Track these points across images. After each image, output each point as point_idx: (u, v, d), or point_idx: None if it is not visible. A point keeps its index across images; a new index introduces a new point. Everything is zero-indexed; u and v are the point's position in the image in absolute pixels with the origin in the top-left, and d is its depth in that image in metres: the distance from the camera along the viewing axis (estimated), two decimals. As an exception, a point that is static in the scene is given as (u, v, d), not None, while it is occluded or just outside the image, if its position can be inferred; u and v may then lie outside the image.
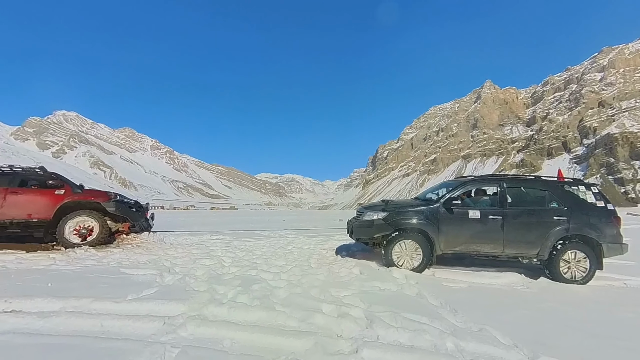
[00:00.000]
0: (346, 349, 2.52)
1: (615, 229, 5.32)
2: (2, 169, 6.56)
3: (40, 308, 2.96)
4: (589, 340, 3.01)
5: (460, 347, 2.69)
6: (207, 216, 38.28)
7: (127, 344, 2.32)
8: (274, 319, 2.93)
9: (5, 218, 5.95)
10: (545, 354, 2.64)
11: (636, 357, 2.73)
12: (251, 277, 4.39)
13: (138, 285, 3.78)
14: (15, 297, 3.11)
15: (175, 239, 8.09)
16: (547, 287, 4.81)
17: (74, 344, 2.31)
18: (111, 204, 6.45)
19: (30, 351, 2.21)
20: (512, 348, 2.75)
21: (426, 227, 5.31)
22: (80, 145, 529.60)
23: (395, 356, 2.44)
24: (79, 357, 2.14)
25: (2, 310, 2.88)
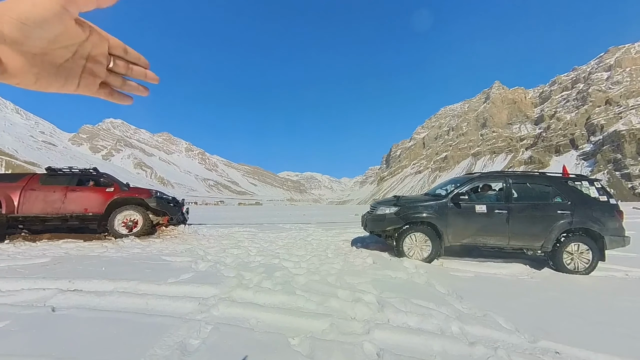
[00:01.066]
0: (359, 329, 2.56)
1: (617, 222, 5.07)
2: (63, 170, 7.02)
3: (96, 288, 3.18)
4: (588, 326, 2.91)
5: (465, 331, 2.67)
6: (235, 211, 39.06)
7: (169, 320, 2.47)
8: (294, 302, 3.01)
9: (66, 212, 6.33)
10: (545, 338, 2.59)
11: (634, 343, 2.62)
12: (274, 265, 4.48)
13: (176, 270, 3.96)
14: (76, 279, 3.36)
15: (208, 230, 8.30)
16: (550, 277, 4.64)
17: (126, 318, 2.49)
18: (153, 200, 6.70)
19: (91, 323, 2.40)
20: (514, 332, 2.71)
21: (435, 220, 5.25)
22: (125, 148, 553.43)
23: (404, 337, 2.46)
24: (130, 329, 2.31)
25: (67, 288, 3.13)
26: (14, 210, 6.16)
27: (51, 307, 2.66)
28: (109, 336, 2.22)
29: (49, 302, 2.79)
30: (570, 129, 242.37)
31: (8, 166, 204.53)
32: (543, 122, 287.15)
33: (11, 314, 2.51)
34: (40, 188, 6.44)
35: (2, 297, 2.89)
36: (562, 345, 2.51)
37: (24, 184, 6.42)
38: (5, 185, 6.38)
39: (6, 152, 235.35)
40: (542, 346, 2.51)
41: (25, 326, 2.33)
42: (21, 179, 6.59)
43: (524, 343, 2.56)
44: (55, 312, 2.58)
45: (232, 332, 2.33)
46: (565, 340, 2.60)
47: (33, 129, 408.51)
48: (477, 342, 2.47)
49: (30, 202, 6.26)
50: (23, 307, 2.65)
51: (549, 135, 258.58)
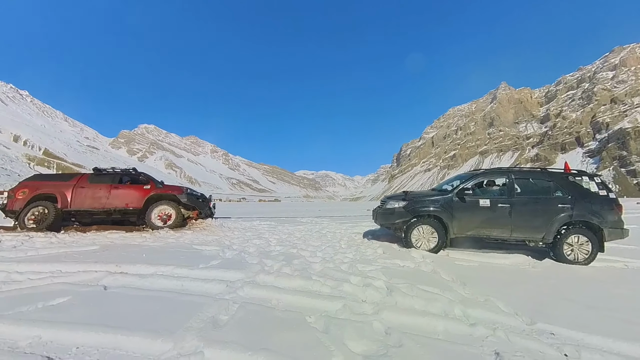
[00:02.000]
0: (369, 310, 2.64)
1: (616, 215, 4.92)
2: (107, 170, 7.45)
3: (139, 271, 3.40)
4: (585, 311, 2.87)
5: (467, 313, 2.70)
6: (256, 207, 39.76)
7: (202, 299, 2.63)
8: (311, 286, 3.11)
9: (110, 207, 6.70)
10: (542, 321, 2.59)
11: (628, 327, 2.57)
12: (292, 254, 4.59)
13: (207, 258, 4.14)
14: (122, 263, 3.59)
15: (232, 224, 8.52)
16: (551, 267, 4.54)
17: (165, 296, 2.67)
18: (184, 196, 6.96)
19: (137, 300, 2.59)
20: (513, 315, 2.72)
21: (441, 214, 5.23)
22: (158, 151, 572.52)
23: (410, 318, 2.52)
24: (170, 306, 2.49)
25: (115, 271, 3.36)
26: (67, 205, 6.60)
27: (103, 286, 2.89)
28: (153, 311, 2.40)
29: (101, 282, 3.02)
30: (576, 127, 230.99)
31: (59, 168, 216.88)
32: (549, 120, 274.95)
33: (72, 290, 2.75)
34: (88, 186, 6.86)
35: (63, 277, 3.15)
36: (558, 327, 2.50)
37: (75, 183, 6.86)
38: (60, 183, 6.84)
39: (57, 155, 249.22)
40: (539, 328, 2.51)
41: (83, 301, 2.55)
42: (73, 178, 7.05)
43: (522, 325, 2.56)
44: (106, 290, 2.80)
45: (256, 310, 2.47)
46: (561, 322, 2.59)
47: (79, 134, 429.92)
48: (477, 323, 2.50)
49: (81, 198, 6.69)
50: (80, 286, 2.89)
51: (554, 133, 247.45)
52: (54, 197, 6.60)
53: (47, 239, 5.27)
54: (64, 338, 1.97)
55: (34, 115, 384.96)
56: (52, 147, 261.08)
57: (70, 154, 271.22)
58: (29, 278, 3.10)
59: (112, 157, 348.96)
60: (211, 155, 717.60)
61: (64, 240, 5.33)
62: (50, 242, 5.06)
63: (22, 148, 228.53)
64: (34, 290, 2.75)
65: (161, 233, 6.12)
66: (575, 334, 2.42)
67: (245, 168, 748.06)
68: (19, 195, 6.55)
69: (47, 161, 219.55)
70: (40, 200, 6.54)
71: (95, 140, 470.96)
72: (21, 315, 2.28)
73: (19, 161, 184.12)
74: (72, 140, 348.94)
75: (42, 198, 6.61)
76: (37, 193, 6.61)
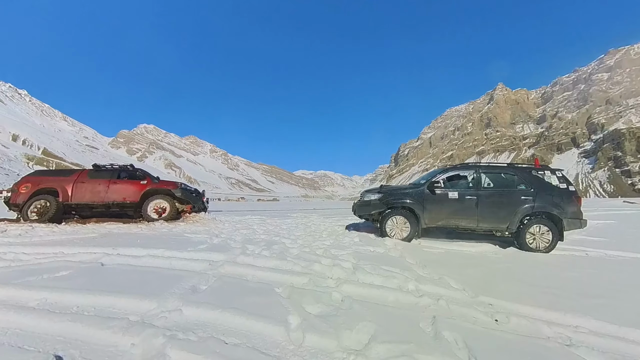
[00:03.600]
0: (332, 284, 3.00)
1: (575, 206, 5.31)
2: (106, 167, 7.80)
3: (133, 253, 3.75)
4: (526, 288, 3.24)
5: (418, 288, 3.06)
6: (253, 205, 40.09)
7: (186, 274, 2.99)
8: (285, 265, 3.47)
9: (109, 200, 7.05)
10: (485, 295, 2.95)
11: (559, 300, 2.93)
12: (274, 241, 4.96)
13: (195, 243, 4.50)
14: (118, 247, 3.95)
15: (225, 217, 8.88)
16: (513, 254, 4.92)
17: (154, 271, 3.04)
18: (178, 190, 7.29)
19: (130, 273, 2.95)
20: (460, 290, 3.08)
21: (413, 205, 5.61)
22: (157, 151, 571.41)
23: (366, 291, 2.88)
24: (158, 277, 2.85)
25: (111, 253, 3.72)
26: (68, 199, 6.95)
27: (100, 263, 3.27)
28: (142, 280, 2.77)
29: (99, 261, 3.39)
30: (572, 128, 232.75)
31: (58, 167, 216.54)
32: (545, 121, 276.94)
33: (73, 266, 3.13)
34: (88, 181, 7.21)
35: (65, 257, 3.51)
36: (497, 300, 2.87)
37: (76, 178, 7.21)
38: (62, 178, 7.19)
39: (56, 155, 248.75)
40: (480, 300, 2.88)
41: (83, 273, 2.93)
42: (73, 173, 7.40)
43: (465, 298, 2.93)
44: (104, 266, 3.18)
45: (232, 282, 2.84)
46: (501, 297, 2.95)
47: (78, 134, 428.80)
48: (425, 295, 2.86)
49: (81, 193, 7.04)
50: (81, 263, 3.26)
51: (551, 134, 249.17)
52: (56, 191, 6.95)
53: (49, 229, 5.63)
54: (67, 300, 2.34)
55: (32, 115, 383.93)
56: (51, 147, 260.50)
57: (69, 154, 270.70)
58: (34, 258, 3.48)
59: (111, 157, 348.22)
60: (210, 155, 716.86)
61: (65, 229, 5.69)
62: (52, 231, 5.41)
63: (21, 147, 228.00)
64: (39, 266, 3.12)
65: (156, 225, 6.47)
66: (510, 305, 2.79)
67: (244, 168, 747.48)
68: (22, 189, 6.90)
69: (46, 160, 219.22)
70: (42, 194, 6.89)
71: (95, 139, 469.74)
72: (29, 283, 2.65)
73: (17, 160, 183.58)
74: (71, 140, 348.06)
75: (44, 192, 6.95)
76: (39, 187, 6.95)
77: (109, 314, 2.14)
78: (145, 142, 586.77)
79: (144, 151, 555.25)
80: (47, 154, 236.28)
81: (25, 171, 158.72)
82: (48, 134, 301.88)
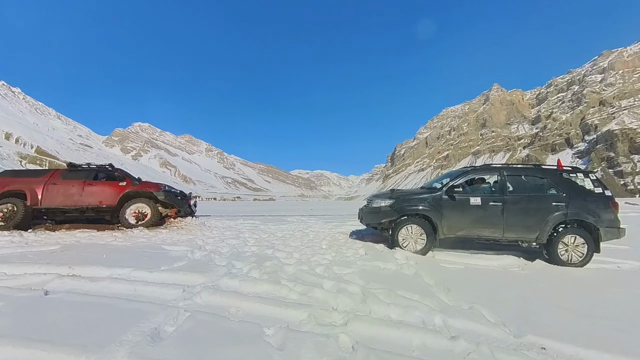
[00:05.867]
0: (338, 321, 2.34)
1: (612, 214, 4.68)
2: (82, 166, 7.05)
3: (93, 274, 3.07)
4: (579, 320, 2.61)
5: (448, 324, 2.43)
6: (249, 205, 39.22)
7: (150, 307, 2.31)
8: (278, 291, 2.80)
9: (83, 204, 6.31)
10: (531, 332, 2.32)
11: (624, 337, 2.33)
12: (267, 255, 4.27)
13: (172, 259, 3.81)
14: (76, 265, 3.25)
15: (214, 222, 8.13)
16: (542, 269, 4.30)
17: (110, 303, 2.35)
18: (161, 193, 6.59)
19: (77, 308, 2.26)
20: (499, 326, 2.45)
21: (429, 213, 4.94)
22: (152, 149, 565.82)
23: (383, 330, 2.24)
24: (111, 315, 2.17)
25: (66, 274, 3.01)
26: (37, 203, 6.20)
27: (45, 291, 2.56)
28: (90, 320, 2.09)
29: (46, 286, 2.68)
30: (566, 129, 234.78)
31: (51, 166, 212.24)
32: (540, 122, 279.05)
33: (7, 296, 2.42)
34: (60, 182, 6.46)
35: (5, 281, 2.81)
36: (549, 340, 2.24)
37: (47, 179, 6.46)
38: (30, 180, 6.44)
39: (50, 153, 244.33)
40: (528, 341, 2.25)
41: (16, 308, 2.22)
42: (45, 174, 6.64)
43: (509, 337, 2.30)
44: (47, 296, 2.47)
45: (208, 321, 2.16)
46: (552, 334, 2.33)
47: (72, 132, 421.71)
48: (459, 336, 2.22)
49: (52, 195, 6.29)
50: (20, 291, 2.55)
51: (545, 134, 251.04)
52: (24, 194, 6.20)
53: (9, 239, 4.88)
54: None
55: (26, 113, 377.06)
56: (45, 145, 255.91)
57: (63, 152, 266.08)
58: (-37, 282, 2.76)
59: (105, 155, 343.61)
60: (206, 154, 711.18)
61: (27, 239, 4.95)
62: (10, 242, 4.68)
63: (14, 146, 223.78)
64: (-39, 297, 2.41)
65: (134, 232, 5.76)
66: (568, 348, 2.16)
67: (240, 167, 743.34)
68: (-14, 191, 6.14)
69: (40, 159, 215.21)
70: (8, 197, 6.13)
71: (89, 138, 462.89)
72: None
73: (10, 159, 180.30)
74: (64, 138, 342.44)
75: (11, 195, 6.20)
76: (5, 190, 6.20)
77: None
78: (140, 140, 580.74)
79: (138, 150, 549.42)
80: (40, 153, 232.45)
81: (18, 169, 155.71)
82: (41, 133, 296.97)
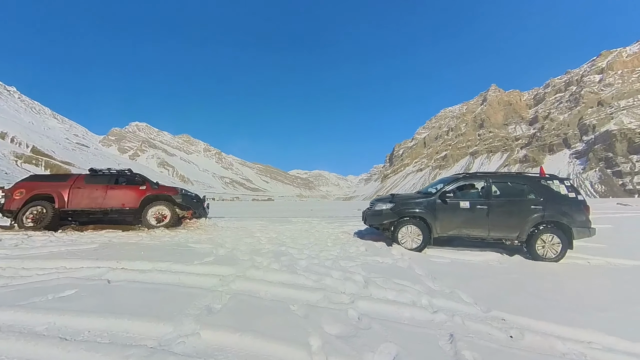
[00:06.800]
0: (346, 300, 2.98)
1: (584, 215, 5.38)
2: (103, 171, 7.62)
3: (139, 267, 3.67)
4: (536, 300, 3.27)
5: (432, 303, 3.06)
6: (249, 206, 39.79)
7: (198, 291, 2.93)
8: (296, 279, 3.44)
9: (107, 206, 6.88)
10: (497, 309, 2.96)
11: (570, 313, 2.96)
12: (281, 252, 4.90)
13: (201, 255, 4.42)
14: (122, 260, 3.85)
15: (225, 223, 8.76)
16: (518, 263, 4.97)
17: (164, 289, 2.97)
18: (179, 196, 7.15)
19: (139, 292, 2.87)
20: (472, 304, 3.09)
21: (425, 215, 5.63)
22: (149, 149, 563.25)
23: (381, 307, 2.87)
24: (168, 296, 2.78)
25: (115, 267, 3.63)
26: (64, 205, 6.77)
27: (107, 280, 3.17)
28: (154, 300, 2.70)
29: (104, 277, 3.30)
30: (564, 129, 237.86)
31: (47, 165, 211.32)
32: (537, 122, 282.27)
33: (78, 284, 3.03)
34: (85, 186, 7.03)
35: (68, 273, 3.41)
36: (509, 314, 2.88)
37: (72, 183, 7.03)
38: (57, 184, 7.01)
39: (45, 153, 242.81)
40: (493, 315, 2.89)
41: (90, 293, 2.83)
42: (69, 178, 7.21)
43: (479, 312, 2.94)
44: (110, 284, 3.09)
45: (246, 300, 2.79)
46: (513, 310, 2.97)
47: (68, 132, 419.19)
48: (439, 311, 2.86)
49: (78, 198, 6.86)
50: (86, 280, 3.17)
51: (543, 135, 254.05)
52: (52, 197, 6.77)
53: (46, 238, 5.47)
54: (76, 324, 2.26)
55: (21, 112, 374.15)
56: (41, 145, 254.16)
57: (59, 152, 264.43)
58: (36, 274, 3.36)
59: (102, 155, 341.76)
60: (204, 154, 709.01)
61: (62, 239, 5.53)
62: (49, 241, 5.26)
63: (10, 145, 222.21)
64: (43, 284, 3.01)
65: (156, 232, 6.34)
66: (522, 320, 2.80)
67: (238, 167, 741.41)
68: (16, 195, 6.70)
69: (35, 159, 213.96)
70: (38, 200, 6.70)
71: (85, 137, 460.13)
72: (35, 305, 2.55)
73: (6, 158, 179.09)
74: (60, 138, 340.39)
75: (40, 198, 6.76)
76: (34, 193, 6.76)
77: (125, 341, 2.07)
78: (137, 140, 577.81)
79: (135, 149, 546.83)
80: (36, 152, 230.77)
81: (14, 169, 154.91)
82: (37, 132, 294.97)
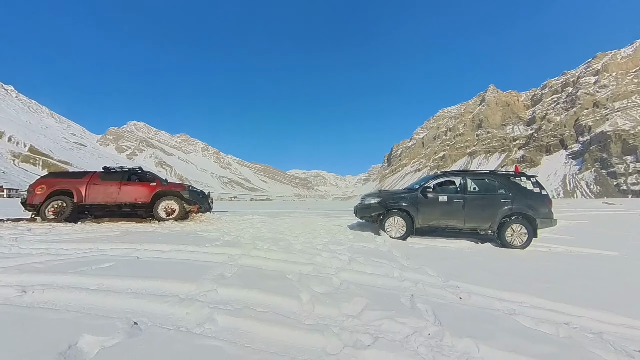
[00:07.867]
0: (332, 272, 3.68)
1: (547, 208, 6.12)
2: (116, 169, 8.30)
3: (159, 249, 4.36)
4: (490, 275, 3.96)
5: (402, 275, 3.76)
6: (249, 205, 40.41)
7: (212, 264, 3.62)
8: (292, 257, 4.14)
9: (121, 201, 7.56)
10: (454, 280, 3.66)
11: (515, 284, 3.64)
12: (279, 238, 5.62)
13: (210, 240, 5.12)
14: (144, 243, 4.55)
15: (228, 217, 9.49)
16: (486, 249, 5.69)
17: (185, 262, 3.66)
18: (186, 192, 7.84)
19: (163, 264, 3.56)
20: (435, 277, 3.79)
21: (408, 208, 6.36)
22: (147, 148, 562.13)
23: (360, 277, 3.56)
24: (188, 267, 3.47)
25: (140, 248, 4.32)
26: (82, 200, 7.44)
27: (136, 257, 3.87)
28: (177, 270, 3.39)
29: (133, 254, 3.99)
30: (560, 130, 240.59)
31: (44, 165, 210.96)
32: (535, 123, 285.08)
33: (113, 259, 3.71)
34: (100, 183, 7.70)
35: (103, 252, 4.10)
36: (463, 284, 3.58)
37: (89, 180, 7.70)
38: (75, 180, 7.67)
39: (43, 152, 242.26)
40: (450, 284, 3.59)
41: (125, 264, 3.52)
42: (85, 176, 7.88)
43: (438, 282, 3.64)
44: (139, 259, 3.78)
45: (251, 270, 3.49)
46: (468, 281, 3.66)
47: (65, 131, 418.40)
48: (406, 280, 3.57)
49: (94, 193, 7.53)
50: (118, 257, 3.85)
51: (540, 135, 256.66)
52: (70, 192, 7.43)
53: (70, 228, 6.15)
54: (120, 285, 2.94)
55: (19, 111, 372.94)
56: (38, 144, 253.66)
57: (56, 151, 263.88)
58: (75, 252, 4.04)
59: (100, 154, 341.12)
60: (202, 154, 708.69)
61: (84, 228, 6.21)
62: (73, 230, 5.93)
63: (7, 144, 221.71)
64: (85, 259, 3.70)
65: (167, 224, 7.03)
66: (474, 287, 3.50)
67: (236, 167, 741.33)
68: (37, 190, 7.36)
69: (33, 158, 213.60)
70: (58, 195, 7.37)
71: (83, 137, 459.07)
72: (83, 272, 3.23)
73: (3, 158, 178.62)
74: (58, 137, 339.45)
75: (59, 193, 7.43)
76: (55, 189, 7.42)
77: (160, 294, 2.76)
78: (135, 139, 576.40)
79: (133, 149, 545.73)
80: (33, 151, 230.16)
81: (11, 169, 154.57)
82: (35, 131, 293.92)
